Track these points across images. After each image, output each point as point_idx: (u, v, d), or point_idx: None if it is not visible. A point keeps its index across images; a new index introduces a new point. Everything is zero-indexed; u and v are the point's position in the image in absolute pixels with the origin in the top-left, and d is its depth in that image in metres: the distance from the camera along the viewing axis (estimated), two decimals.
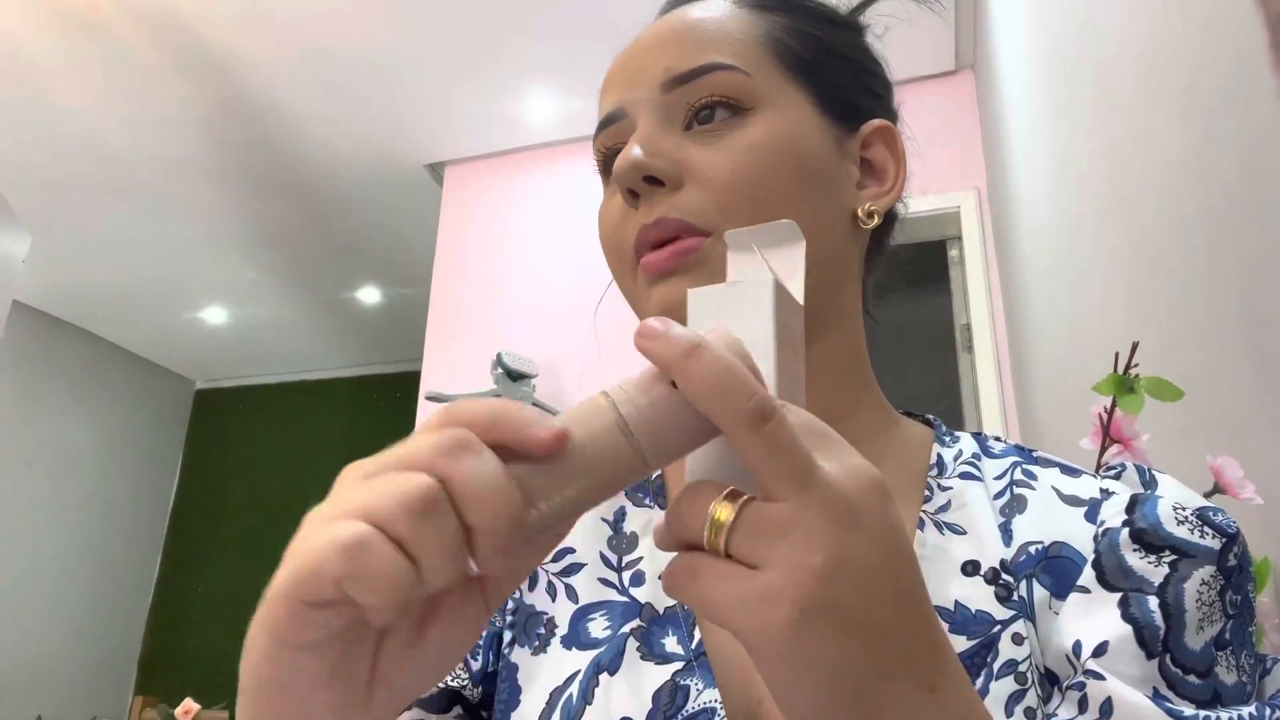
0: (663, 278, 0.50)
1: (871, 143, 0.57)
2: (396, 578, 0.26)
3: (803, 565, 0.28)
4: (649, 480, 0.57)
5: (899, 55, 0.64)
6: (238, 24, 2.73)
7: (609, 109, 0.55)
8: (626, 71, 0.55)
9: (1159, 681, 0.41)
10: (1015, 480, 0.52)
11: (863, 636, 0.29)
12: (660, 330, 0.30)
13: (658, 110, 0.53)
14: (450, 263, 3.31)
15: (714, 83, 0.52)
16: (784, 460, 0.29)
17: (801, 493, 0.29)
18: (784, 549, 0.29)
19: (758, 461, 0.30)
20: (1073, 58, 1.39)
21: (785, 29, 0.55)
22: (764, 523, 0.30)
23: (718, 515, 0.30)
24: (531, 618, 0.52)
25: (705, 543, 0.30)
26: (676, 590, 0.31)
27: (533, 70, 2.93)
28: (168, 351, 5.25)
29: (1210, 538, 0.44)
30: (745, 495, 0.31)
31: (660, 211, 0.50)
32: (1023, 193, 1.99)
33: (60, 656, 4.53)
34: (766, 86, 0.52)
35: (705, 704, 0.45)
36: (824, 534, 0.29)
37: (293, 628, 0.27)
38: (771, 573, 0.29)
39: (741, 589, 0.29)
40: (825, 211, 0.52)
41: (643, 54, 0.55)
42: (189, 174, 3.49)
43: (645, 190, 0.51)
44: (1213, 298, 0.81)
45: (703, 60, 0.52)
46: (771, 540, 0.29)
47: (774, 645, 0.29)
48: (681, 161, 0.51)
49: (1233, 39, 0.71)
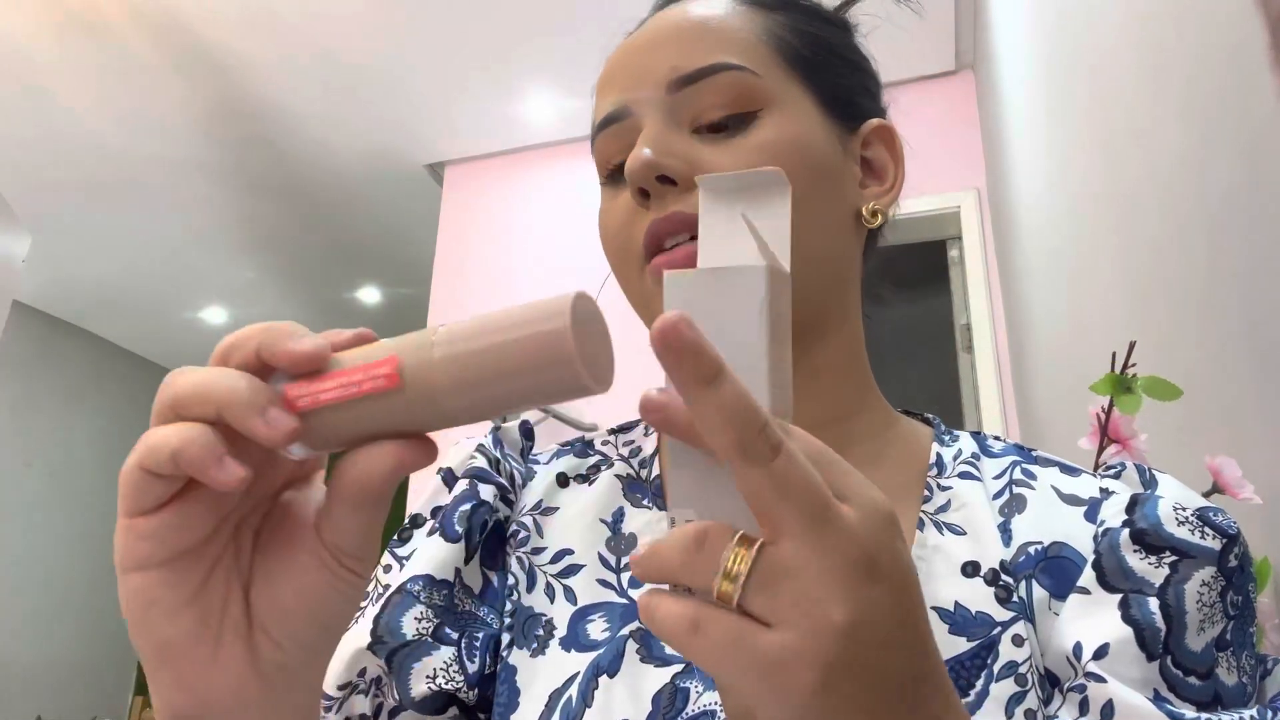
0: None
1: (871, 142, 0.57)
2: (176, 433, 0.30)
3: (824, 623, 0.27)
4: (646, 480, 0.57)
5: (899, 55, 0.64)
6: (238, 24, 2.73)
7: (611, 108, 0.54)
8: (628, 69, 0.54)
9: (1160, 683, 0.41)
10: (1015, 479, 0.52)
11: (884, 691, 0.28)
12: (690, 344, 0.28)
13: (664, 110, 0.52)
14: (450, 263, 3.31)
15: (722, 83, 0.51)
16: (797, 499, 0.27)
17: (817, 537, 0.27)
18: (803, 604, 0.27)
19: (766, 499, 0.28)
20: (1073, 58, 1.39)
21: (786, 26, 0.55)
22: (780, 573, 0.27)
23: (733, 564, 0.28)
24: (530, 619, 0.52)
25: (715, 593, 0.28)
26: (676, 644, 0.28)
27: (533, 70, 2.93)
28: (168, 351, 5.25)
29: (1211, 538, 0.44)
30: (759, 541, 0.28)
31: (674, 207, 0.50)
32: (1023, 193, 1.99)
33: (60, 656, 4.53)
34: (773, 85, 0.52)
35: (705, 706, 0.45)
36: (844, 585, 0.27)
37: (135, 497, 0.31)
38: (790, 633, 0.27)
39: (758, 652, 0.27)
40: (832, 210, 0.52)
41: (645, 52, 0.54)
42: (189, 174, 3.49)
43: (657, 190, 0.51)
44: (1212, 297, 0.81)
45: (710, 60, 0.52)
46: (789, 593, 0.27)
47: (794, 712, 0.27)
48: (694, 162, 0.51)
49: (1233, 39, 0.71)
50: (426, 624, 0.50)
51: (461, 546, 0.53)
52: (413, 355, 0.31)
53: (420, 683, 0.49)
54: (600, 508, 0.56)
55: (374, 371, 0.31)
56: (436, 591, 0.51)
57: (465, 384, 0.30)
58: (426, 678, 0.49)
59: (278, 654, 0.34)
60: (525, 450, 0.61)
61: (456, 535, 0.53)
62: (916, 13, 0.64)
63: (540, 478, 0.59)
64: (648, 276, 0.52)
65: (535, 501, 0.57)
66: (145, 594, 0.32)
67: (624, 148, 0.53)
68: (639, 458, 0.58)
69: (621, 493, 0.56)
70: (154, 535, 0.31)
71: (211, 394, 0.31)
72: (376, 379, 0.31)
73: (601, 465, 0.59)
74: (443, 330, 0.31)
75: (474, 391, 0.30)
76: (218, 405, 0.30)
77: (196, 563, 0.32)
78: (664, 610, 0.29)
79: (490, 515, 0.55)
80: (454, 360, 0.30)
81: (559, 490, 0.58)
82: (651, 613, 0.29)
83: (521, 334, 0.30)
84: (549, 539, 0.55)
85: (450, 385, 0.30)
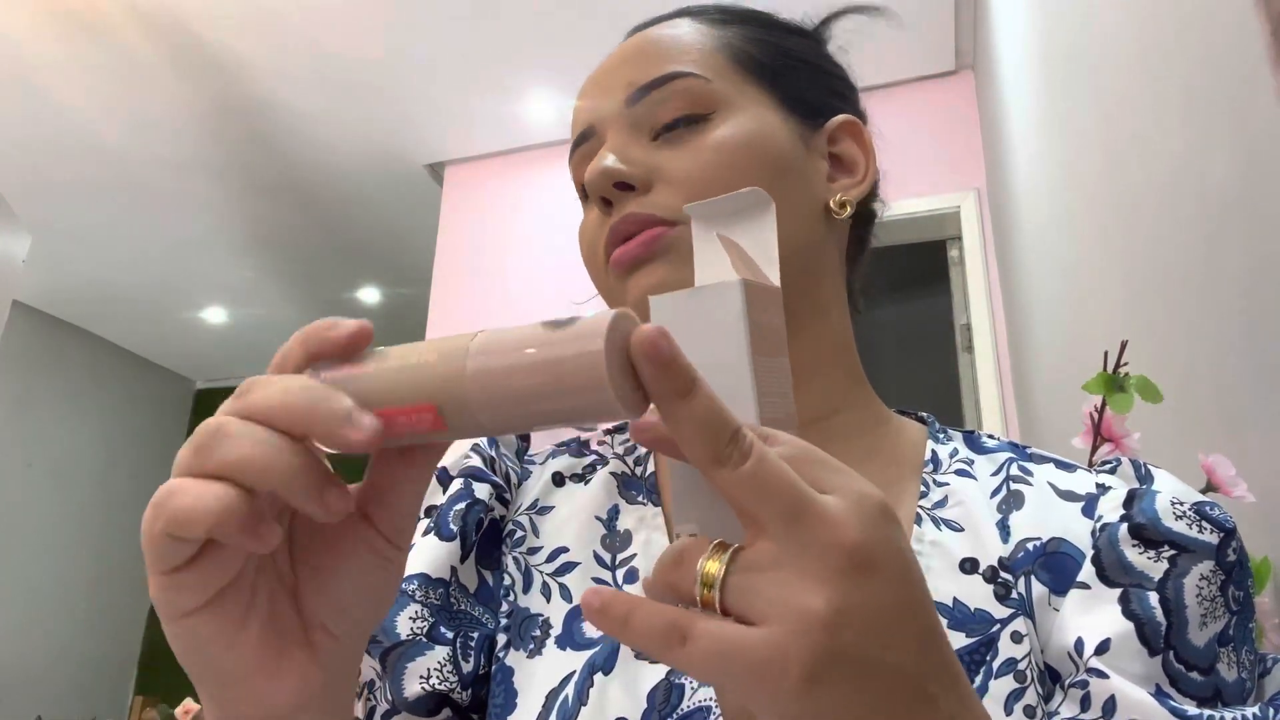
0: (635, 268, 0.52)
1: (839, 138, 0.58)
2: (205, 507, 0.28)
3: (807, 614, 0.26)
4: (642, 478, 0.57)
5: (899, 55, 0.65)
6: (238, 24, 2.73)
7: (579, 129, 0.57)
8: (594, 91, 0.57)
9: (1161, 678, 0.41)
10: (1011, 476, 0.52)
11: (882, 685, 0.27)
12: (666, 357, 0.28)
13: (624, 122, 0.55)
14: (450, 263, 3.31)
15: (675, 89, 0.53)
16: (772, 497, 0.28)
17: (796, 531, 0.27)
18: (783, 596, 0.27)
19: (744, 503, 0.28)
20: (1073, 57, 1.39)
21: (743, 37, 0.57)
22: (755, 569, 0.28)
23: (707, 569, 0.28)
24: (527, 620, 0.52)
25: (699, 601, 0.28)
26: (666, 658, 0.28)
27: (533, 70, 2.93)
28: (168, 351, 5.25)
29: (1208, 533, 0.44)
30: (735, 545, 0.29)
31: (630, 209, 0.52)
32: (1023, 193, 1.99)
33: (60, 656, 4.53)
34: (726, 89, 0.54)
35: (700, 702, 0.45)
36: (826, 575, 0.27)
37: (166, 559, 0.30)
38: (774, 627, 0.27)
39: (745, 651, 0.27)
40: (795, 203, 0.53)
41: (608, 73, 0.57)
42: (188, 174, 3.49)
43: (617, 196, 0.53)
44: (1211, 297, 0.81)
45: (662, 70, 0.54)
46: (768, 588, 0.27)
47: (788, 709, 0.27)
48: (652, 167, 0.53)
49: (1233, 39, 0.71)
50: (421, 623, 0.50)
51: (457, 545, 0.53)
52: (446, 366, 0.30)
53: (414, 683, 0.49)
54: (595, 506, 0.56)
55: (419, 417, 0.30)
56: (432, 590, 0.52)
57: (493, 401, 0.29)
58: (420, 678, 0.49)
59: (336, 645, 0.34)
60: (521, 450, 0.61)
61: (452, 534, 0.53)
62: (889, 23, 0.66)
63: (535, 477, 0.59)
64: (610, 273, 0.53)
65: (531, 501, 0.57)
66: (196, 636, 0.31)
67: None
68: (634, 455, 0.59)
69: (616, 490, 0.56)
70: (191, 585, 0.30)
71: (296, 407, 0.29)
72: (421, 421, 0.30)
73: (597, 464, 0.59)
74: (479, 339, 0.30)
75: (502, 409, 0.30)
76: (306, 420, 0.29)
77: (239, 592, 0.32)
78: (640, 620, 0.28)
79: (485, 514, 0.55)
80: (485, 374, 0.29)
81: (554, 489, 0.58)
82: (626, 622, 0.28)
83: (553, 354, 0.28)
84: (544, 538, 0.55)
85: (482, 400, 0.29)
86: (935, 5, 2.58)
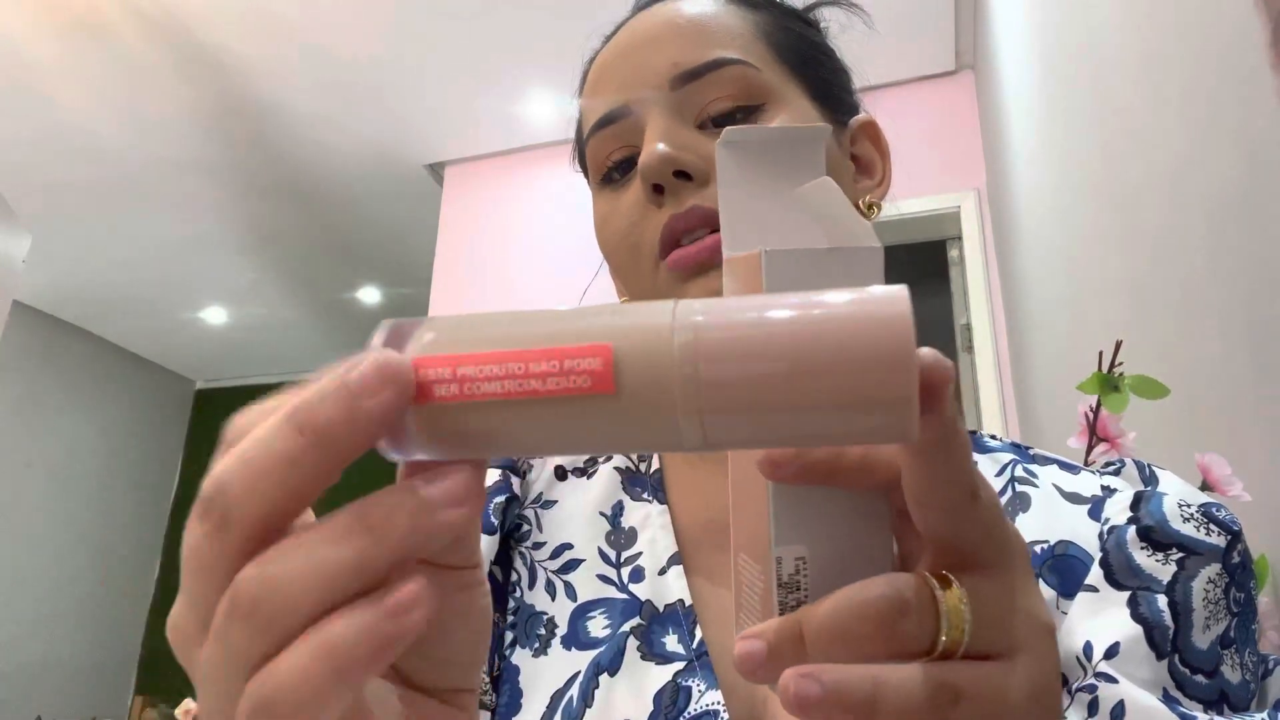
0: (697, 273, 0.49)
1: (858, 138, 0.57)
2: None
3: (1044, 632, 0.27)
4: (646, 474, 0.56)
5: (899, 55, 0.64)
6: (238, 24, 2.73)
7: (610, 106, 0.53)
8: (625, 69, 0.53)
9: (1168, 682, 0.41)
10: (1016, 478, 0.51)
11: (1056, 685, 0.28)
12: (951, 376, 0.23)
13: (668, 106, 0.51)
14: (450, 263, 3.31)
15: (726, 77, 0.51)
16: (998, 526, 0.26)
17: (1009, 557, 0.26)
18: (1027, 621, 0.26)
19: (983, 533, 0.26)
20: (1073, 57, 1.39)
21: (776, 25, 0.55)
22: (992, 601, 0.25)
23: (951, 603, 0.24)
24: (532, 618, 0.51)
25: (944, 645, 0.24)
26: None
27: (533, 70, 2.93)
28: (168, 351, 5.25)
29: (1216, 535, 0.44)
30: (947, 576, 0.25)
31: (691, 202, 0.49)
32: (1023, 193, 1.99)
33: (60, 656, 4.53)
34: (773, 79, 0.52)
35: (708, 706, 0.44)
36: (1038, 596, 0.27)
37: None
38: (1028, 654, 0.26)
39: (1014, 690, 0.25)
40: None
41: (643, 50, 0.53)
42: (189, 174, 3.49)
43: (673, 185, 0.50)
44: (1210, 297, 0.81)
45: (712, 55, 0.51)
46: (1009, 617, 0.26)
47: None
48: (707, 156, 0.50)
49: (1233, 39, 0.71)
50: None
51: (496, 540, 0.52)
52: (637, 340, 0.20)
53: None
54: (600, 501, 0.55)
55: (571, 364, 0.20)
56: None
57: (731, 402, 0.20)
58: None
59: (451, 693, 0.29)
60: None
61: (493, 528, 0.52)
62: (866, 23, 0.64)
63: (538, 469, 0.58)
64: (663, 272, 0.51)
65: (536, 494, 0.56)
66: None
67: (623, 146, 0.53)
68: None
69: (620, 486, 0.56)
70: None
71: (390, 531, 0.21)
72: (573, 376, 0.20)
73: (599, 458, 0.58)
74: (685, 304, 0.21)
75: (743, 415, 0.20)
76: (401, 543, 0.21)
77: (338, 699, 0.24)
78: (893, 694, 0.23)
79: (518, 509, 0.54)
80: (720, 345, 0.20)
81: (557, 483, 0.57)
82: (874, 706, 0.23)
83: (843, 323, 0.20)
84: (548, 533, 0.54)
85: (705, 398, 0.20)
86: (935, 5, 2.58)
